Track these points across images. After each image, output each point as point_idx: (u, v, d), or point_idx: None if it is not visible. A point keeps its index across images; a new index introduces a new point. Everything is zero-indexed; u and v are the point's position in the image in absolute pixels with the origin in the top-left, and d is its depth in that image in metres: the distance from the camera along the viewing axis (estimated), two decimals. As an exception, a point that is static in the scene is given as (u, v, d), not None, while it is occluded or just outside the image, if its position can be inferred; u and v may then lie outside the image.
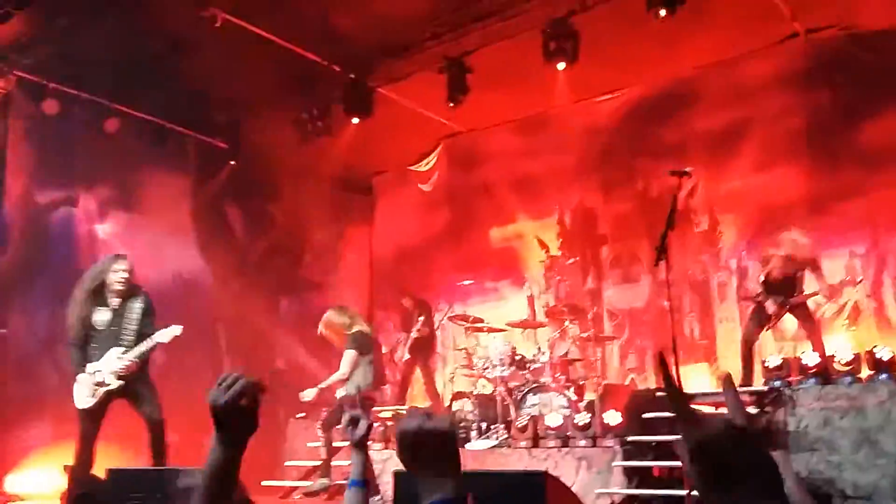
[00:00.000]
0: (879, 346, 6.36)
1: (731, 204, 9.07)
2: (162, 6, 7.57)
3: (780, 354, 7.20)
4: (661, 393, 7.01)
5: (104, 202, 9.65)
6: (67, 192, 9.31)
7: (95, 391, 5.84)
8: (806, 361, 6.33)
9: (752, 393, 6.18)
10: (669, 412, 5.90)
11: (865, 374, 6.14)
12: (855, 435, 5.51)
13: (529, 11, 7.94)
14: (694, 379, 8.52)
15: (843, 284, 8.26)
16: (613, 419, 6.67)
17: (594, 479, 6.35)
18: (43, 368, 8.40)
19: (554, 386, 7.71)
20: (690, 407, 3.62)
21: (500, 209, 10.79)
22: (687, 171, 5.59)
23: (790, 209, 8.31)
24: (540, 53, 7.86)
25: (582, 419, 6.85)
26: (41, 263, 8.83)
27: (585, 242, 10.27)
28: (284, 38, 8.32)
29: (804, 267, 6.89)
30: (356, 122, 9.23)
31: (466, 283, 9.91)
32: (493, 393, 7.85)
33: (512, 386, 7.73)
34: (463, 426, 7.68)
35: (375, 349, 6.91)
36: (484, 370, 8.05)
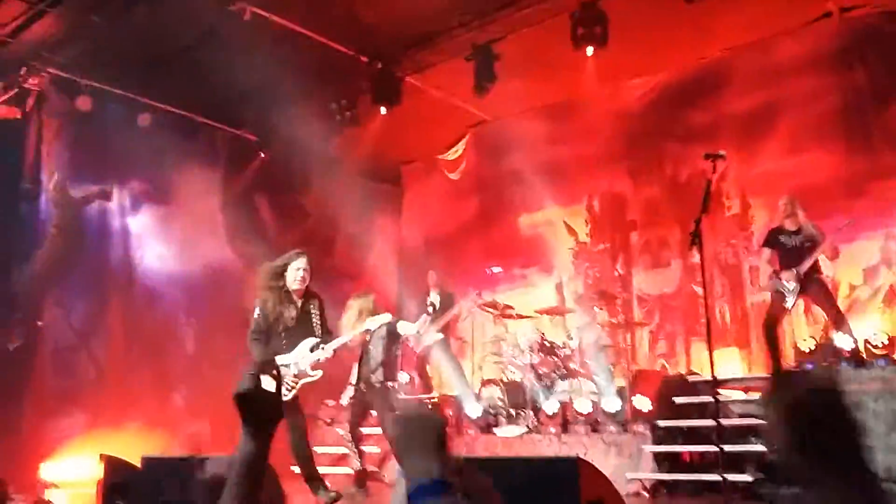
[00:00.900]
0: (915, 329, 6.26)
1: (762, 187, 8.92)
2: (191, 1, 7.64)
3: (813, 338, 7.13)
4: (691, 377, 6.99)
5: (137, 196, 9.83)
6: (101, 186, 9.48)
7: (294, 385, 5.74)
8: (840, 345, 6.26)
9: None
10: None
11: (902, 357, 6.06)
12: (889, 418, 5.44)
13: (557, -4, 7.88)
14: (725, 364, 8.44)
15: (878, 265, 8.11)
16: (644, 405, 6.65)
17: (624, 464, 6.35)
18: (78, 359, 8.60)
19: (583, 372, 7.70)
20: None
21: (528, 196, 10.73)
22: (721, 154, 5.52)
23: (824, 191, 8.15)
24: (568, 39, 7.81)
25: (612, 405, 6.84)
26: (76, 257, 9.03)
27: (614, 228, 10.20)
28: (312, 29, 8.38)
29: (814, 241, 6.70)
30: (384, 111, 9.26)
31: (495, 270, 9.90)
32: (521, 380, 7.86)
33: (542, 372, 7.74)
34: (493, 412, 7.71)
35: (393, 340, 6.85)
36: (513, 357, 8.06)
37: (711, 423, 5.47)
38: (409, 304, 9.60)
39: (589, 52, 7.91)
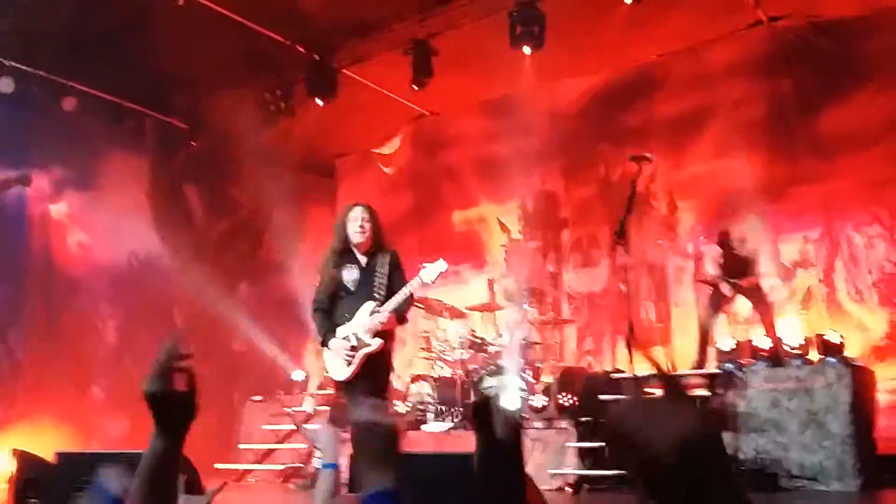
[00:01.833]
0: (830, 330, 6.51)
1: (690, 189, 9.15)
2: (123, -19, 7.42)
3: (733, 338, 7.34)
4: (615, 375, 7.11)
5: (59, 182, 9.49)
6: (21, 171, 9.13)
7: (352, 358, 5.02)
8: (758, 344, 6.46)
9: (704, 375, 6.29)
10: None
11: (816, 357, 6.29)
12: (802, 416, 5.64)
13: (497, -6, 7.91)
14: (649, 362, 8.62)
15: (795, 266, 8.41)
16: (568, 401, 6.74)
17: (548, 460, 6.42)
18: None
19: (511, 368, 7.74)
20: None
21: (463, 193, 10.78)
22: (647, 156, 5.63)
23: (747, 194, 8.40)
24: (506, 37, 7.85)
25: (538, 401, 6.91)
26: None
27: (547, 226, 10.31)
28: (247, 17, 8.20)
29: (757, 250, 7.02)
30: (320, 103, 9.14)
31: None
32: (451, 376, 7.88)
33: (470, 369, 7.77)
34: (421, 408, 7.70)
35: None
36: (443, 353, 8.07)
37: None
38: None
39: (526, 51, 7.97)
